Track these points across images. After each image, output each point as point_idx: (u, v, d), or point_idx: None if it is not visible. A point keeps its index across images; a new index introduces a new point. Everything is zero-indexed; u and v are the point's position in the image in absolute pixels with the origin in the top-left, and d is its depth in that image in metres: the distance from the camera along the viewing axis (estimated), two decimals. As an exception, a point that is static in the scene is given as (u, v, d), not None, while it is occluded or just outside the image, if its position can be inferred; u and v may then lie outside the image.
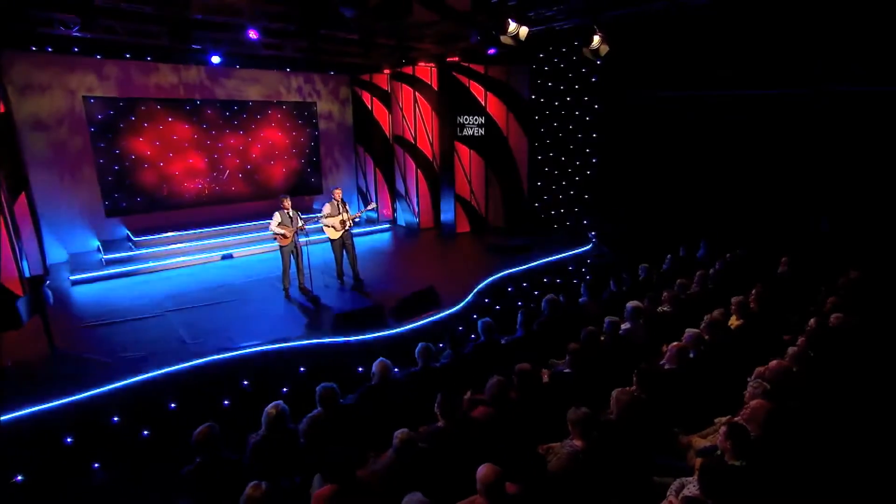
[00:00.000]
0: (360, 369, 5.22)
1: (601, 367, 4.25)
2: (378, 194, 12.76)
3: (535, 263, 8.07)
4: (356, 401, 3.83)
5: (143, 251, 9.00)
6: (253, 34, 7.94)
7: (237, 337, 5.54)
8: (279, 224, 6.85)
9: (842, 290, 5.36)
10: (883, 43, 6.97)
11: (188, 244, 9.40)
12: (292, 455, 3.37)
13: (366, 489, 2.84)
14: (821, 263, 6.39)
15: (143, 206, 10.12)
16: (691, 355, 4.19)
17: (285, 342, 5.11)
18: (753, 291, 5.26)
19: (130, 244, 9.29)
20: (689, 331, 4.33)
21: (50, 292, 5.64)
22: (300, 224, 6.98)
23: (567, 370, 4.10)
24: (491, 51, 9.54)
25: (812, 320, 4.41)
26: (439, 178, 11.24)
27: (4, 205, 7.19)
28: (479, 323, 4.69)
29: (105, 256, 8.71)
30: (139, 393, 4.48)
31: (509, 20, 6.71)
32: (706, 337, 4.47)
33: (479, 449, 3.12)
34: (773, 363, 3.63)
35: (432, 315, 5.95)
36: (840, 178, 7.51)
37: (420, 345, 4.21)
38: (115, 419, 4.27)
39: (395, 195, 12.43)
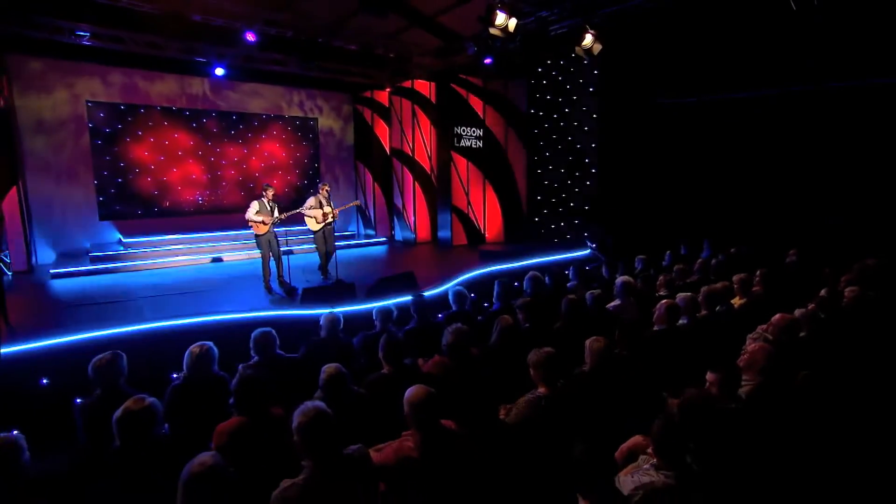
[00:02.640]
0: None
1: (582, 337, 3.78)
2: (376, 210, 12.62)
3: (528, 262, 7.64)
4: (301, 355, 3.42)
5: (131, 251, 8.84)
6: (251, 37, 8.11)
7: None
8: (257, 212, 6.65)
9: (857, 273, 4.85)
10: (879, 37, 6.78)
11: (178, 247, 9.23)
12: (216, 405, 2.94)
13: (278, 426, 2.39)
14: (832, 256, 5.89)
15: (137, 212, 10.08)
16: (684, 321, 3.71)
17: (245, 313, 4.73)
18: (758, 273, 4.78)
19: (121, 247, 9.15)
20: (682, 294, 3.87)
21: (4, 267, 5.38)
22: (279, 215, 6.79)
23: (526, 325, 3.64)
24: (487, 60, 9.58)
25: (823, 290, 3.92)
26: (436, 190, 11.08)
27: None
28: (450, 292, 4.30)
29: (91, 254, 8.55)
30: (75, 357, 4.09)
31: (497, 11, 6.69)
32: (704, 311, 4.00)
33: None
34: (777, 316, 3.15)
35: (407, 295, 5.53)
36: (850, 173, 7.12)
37: (378, 308, 3.82)
38: (44, 381, 3.89)
39: (392, 211, 12.27)
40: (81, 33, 8.13)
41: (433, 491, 1.93)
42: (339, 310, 5.00)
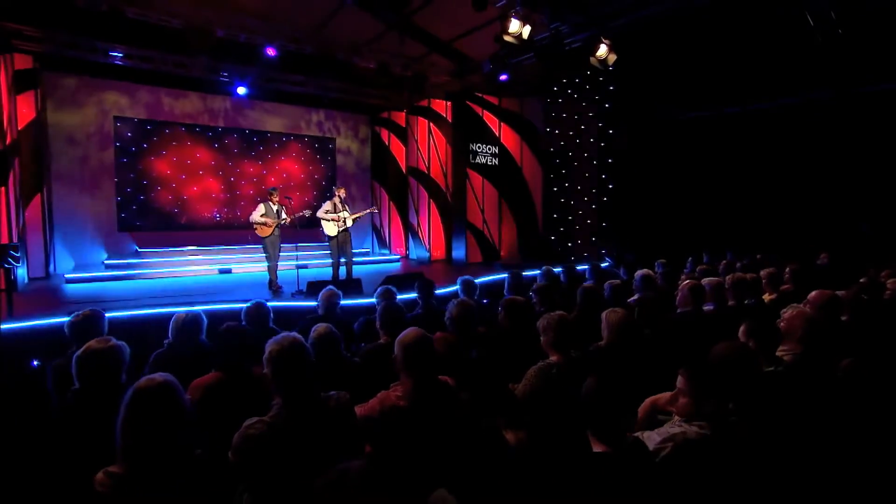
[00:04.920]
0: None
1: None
2: (391, 229, 12.58)
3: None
4: (296, 331, 3.21)
5: (144, 260, 8.90)
6: (271, 52, 8.36)
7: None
8: (262, 215, 6.69)
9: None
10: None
11: (192, 258, 9.29)
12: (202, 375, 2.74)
13: (257, 385, 2.18)
14: (863, 261, 5.51)
15: (156, 225, 10.20)
16: (710, 307, 3.40)
17: (245, 302, 4.54)
18: (788, 269, 4.44)
19: (136, 257, 9.25)
20: (708, 279, 3.57)
21: (14, 261, 5.35)
22: (284, 218, 6.80)
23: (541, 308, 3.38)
24: (503, 77, 9.65)
25: (863, 279, 3.59)
26: (451, 208, 10.99)
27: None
28: (459, 280, 4.08)
29: (106, 261, 8.63)
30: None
31: (512, 18, 6.74)
32: (731, 301, 3.68)
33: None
34: (815, 293, 2.84)
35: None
36: (878, 179, 6.78)
37: (381, 287, 3.62)
38: (35, 363, 3.75)
39: (408, 229, 12.20)
40: (115, 53, 8.54)
41: (421, 444, 1.68)
42: (344, 302, 4.84)
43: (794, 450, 1.68)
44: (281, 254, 7.19)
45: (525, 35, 6.87)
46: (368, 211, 8.02)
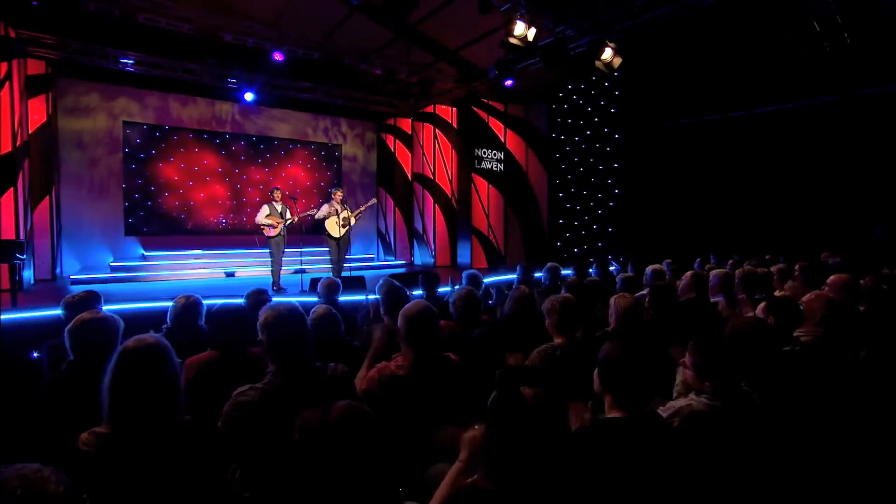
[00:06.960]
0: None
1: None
2: (396, 236, 12.56)
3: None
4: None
5: (150, 263, 8.92)
6: (278, 56, 8.44)
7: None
8: (267, 216, 6.69)
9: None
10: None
11: (197, 262, 9.31)
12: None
13: (254, 364, 2.11)
14: (876, 264, 5.38)
15: (162, 230, 10.24)
16: (719, 298, 3.31)
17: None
18: (797, 266, 4.33)
19: (142, 260, 9.28)
20: (716, 271, 3.49)
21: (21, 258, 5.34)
22: (289, 217, 6.80)
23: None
24: (508, 82, 9.68)
25: (885, 270, 3.49)
26: (457, 213, 10.97)
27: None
28: (464, 275, 4.02)
29: (111, 264, 8.66)
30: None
31: (517, 21, 6.76)
32: (741, 295, 3.59)
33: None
34: (833, 277, 2.75)
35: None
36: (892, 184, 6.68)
37: (382, 279, 3.55)
38: (35, 354, 3.71)
39: (413, 235, 12.17)
40: (126, 60, 8.69)
41: (420, 413, 1.61)
42: (347, 298, 4.79)
43: (804, 428, 1.60)
44: (284, 258, 7.19)
45: (530, 37, 6.88)
46: (369, 204, 7.97)
